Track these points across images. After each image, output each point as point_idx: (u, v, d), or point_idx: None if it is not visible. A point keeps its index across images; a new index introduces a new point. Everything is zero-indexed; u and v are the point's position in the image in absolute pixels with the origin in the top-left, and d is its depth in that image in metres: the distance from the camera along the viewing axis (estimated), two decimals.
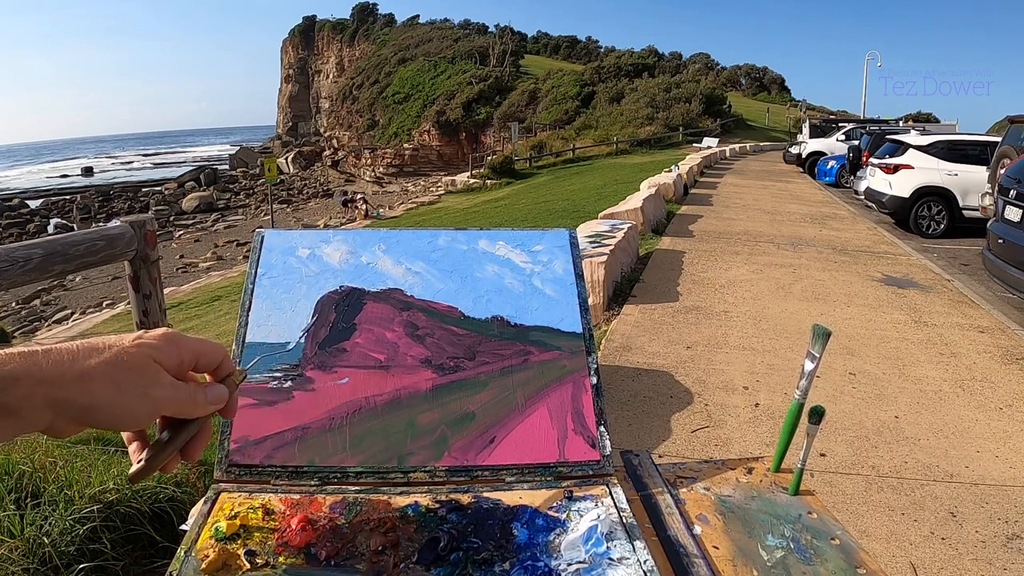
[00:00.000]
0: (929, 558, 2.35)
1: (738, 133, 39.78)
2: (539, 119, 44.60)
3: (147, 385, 0.51)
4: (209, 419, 0.58)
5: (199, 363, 0.56)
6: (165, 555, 1.93)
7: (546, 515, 0.72)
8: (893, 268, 7.17)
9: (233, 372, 0.59)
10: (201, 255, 21.59)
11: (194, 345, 0.56)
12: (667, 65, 56.96)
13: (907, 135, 11.65)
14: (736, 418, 3.42)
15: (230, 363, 0.59)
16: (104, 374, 0.49)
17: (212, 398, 0.56)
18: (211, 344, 0.57)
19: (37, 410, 0.46)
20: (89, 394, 0.48)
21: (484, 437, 0.81)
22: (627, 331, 4.75)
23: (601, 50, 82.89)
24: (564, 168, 26.02)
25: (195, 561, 0.63)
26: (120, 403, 0.49)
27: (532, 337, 0.89)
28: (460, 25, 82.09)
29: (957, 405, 3.64)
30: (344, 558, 0.65)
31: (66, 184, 56.82)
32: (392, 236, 0.99)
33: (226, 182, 48.95)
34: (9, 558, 1.70)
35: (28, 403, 0.45)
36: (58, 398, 0.47)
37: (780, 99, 65.62)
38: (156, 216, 19.59)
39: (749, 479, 0.89)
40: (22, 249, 1.99)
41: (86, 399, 0.48)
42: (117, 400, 0.49)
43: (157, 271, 2.52)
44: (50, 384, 0.46)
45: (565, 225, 1.11)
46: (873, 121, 26.26)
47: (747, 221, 10.04)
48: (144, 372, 0.51)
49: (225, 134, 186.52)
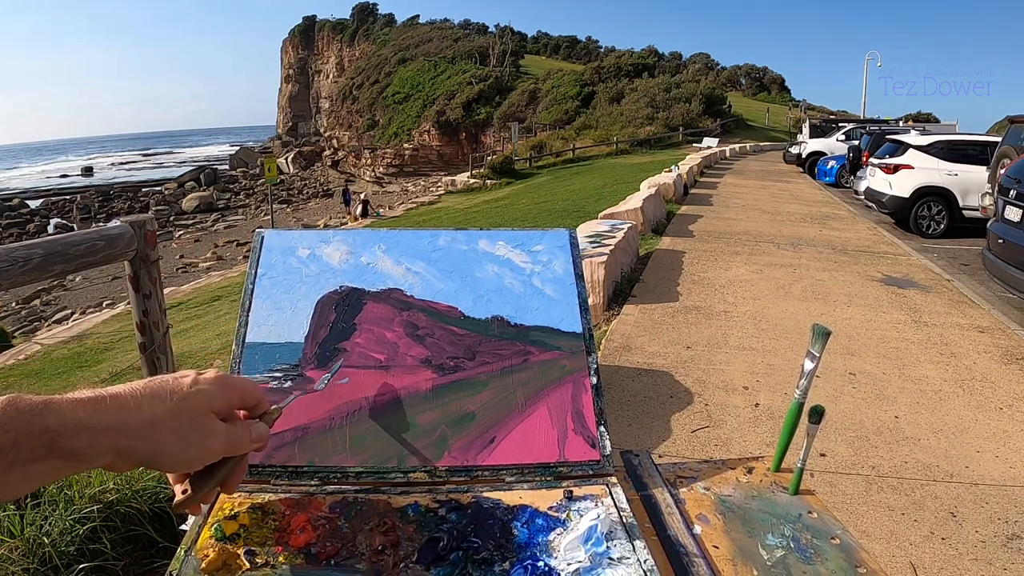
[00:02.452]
0: (929, 558, 2.35)
1: (738, 133, 39.78)
2: (539, 119, 44.61)
3: (205, 436, 0.55)
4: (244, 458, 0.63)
5: (244, 403, 0.61)
6: (165, 555, 1.93)
7: (546, 515, 0.72)
8: (893, 268, 7.17)
9: (269, 410, 0.64)
10: (201, 255, 21.59)
11: (241, 386, 0.60)
12: (667, 65, 56.99)
13: (907, 135, 11.65)
14: (736, 418, 3.42)
15: (267, 402, 0.64)
16: (167, 426, 0.52)
17: (255, 436, 0.61)
18: (254, 385, 0.62)
19: (101, 455, 0.49)
20: (153, 444, 0.51)
21: (484, 437, 0.81)
22: (627, 331, 4.75)
23: (601, 50, 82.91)
24: (564, 168, 26.01)
25: (195, 561, 0.63)
26: (180, 452, 0.53)
27: (532, 337, 0.89)
28: (460, 25, 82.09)
29: (957, 405, 3.64)
30: (344, 558, 0.65)
31: (66, 184, 56.83)
32: (392, 236, 0.99)
33: (226, 182, 48.97)
34: (9, 558, 1.70)
35: (94, 449, 0.48)
36: (123, 445, 0.50)
37: (780, 99, 65.63)
38: (156, 216, 19.59)
39: (749, 479, 0.89)
40: (22, 249, 1.99)
41: (149, 448, 0.51)
42: (178, 450, 0.53)
43: (157, 271, 2.52)
44: (117, 432, 0.49)
45: (565, 225, 1.11)
46: (873, 121, 26.26)
47: (747, 221, 10.04)
48: (203, 424, 0.55)
49: (225, 134, 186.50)
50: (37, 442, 0.46)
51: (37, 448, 0.46)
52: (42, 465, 0.46)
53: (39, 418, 0.46)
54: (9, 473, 0.45)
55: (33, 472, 0.46)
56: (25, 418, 0.45)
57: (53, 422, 0.46)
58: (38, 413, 0.46)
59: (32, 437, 0.45)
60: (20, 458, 0.45)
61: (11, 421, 0.45)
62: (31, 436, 0.45)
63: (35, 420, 0.46)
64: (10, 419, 0.45)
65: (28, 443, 0.45)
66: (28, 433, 0.45)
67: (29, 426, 0.45)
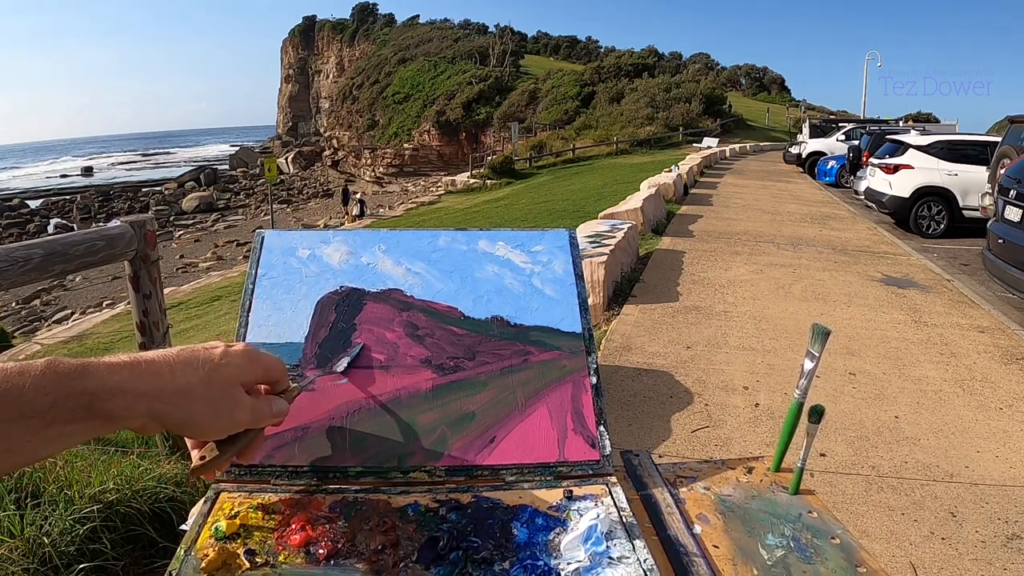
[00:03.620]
0: (929, 558, 2.35)
1: (738, 133, 39.78)
2: (539, 119, 44.61)
3: (233, 408, 0.57)
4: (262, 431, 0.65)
5: (268, 378, 0.63)
6: (165, 555, 1.93)
7: (546, 514, 0.72)
8: (893, 268, 7.17)
9: (289, 388, 0.67)
10: (201, 255, 21.59)
11: (266, 361, 0.62)
12: (667, 65, 56.99)
13: (907, 135, 11.64)
14: (736, 418, 3.42)
15: (288, 380, 0.67)
16: (199, 395, 0.54)
17: (276, 411, 0.63)
18: (278, 361, 0.65)
19: (135, 418, 0.51)
20: (185, 411, 0.54)
21: (484, 437, 0.81)
22: (627, 331, 4.75)
23: (601, 50, 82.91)
24: (564, 168, 26.01)
25: (195, 561, 0.63)
26: (210, 421, 0.56)
27: (532, 337, 0.89)
28: (460, 25, 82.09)
29: (957, 405, 3.64)
30: (344, 557, 0.65)
31: (66, 184, 56.83)
32: (392, 236, 0.99)
33: (226, 182, 48.97)
34: (9, 558, 1.70)
35: (130, 412, 0.50)
36: (157, 410, 0.52)
37: (780, 99, 65.62)
38: (156, 216, 19.60)
39: (749, 479, 0.90)
40: (22, 249, 1.99)
41: (182, 414, 0.53)
42: (208, 418, 0.55)
43: (157, 271, 2.52)
44: (152, 397, 0.51)
45: (565, 225, 1.11)
46: (873, 121, 26.26)
47: (747, 221, 10.04)
48: (231, 395, 0.57)
49: (225, 134, 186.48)
50: (75, 404, 0.47)
51: (75, 409, 0.47)
52: (79, 425, 0.48)
53: (78, 381, 0.47)
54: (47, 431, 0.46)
55: (70, 431, 0.47)
56: (64, 381, 0.47)
57: (91, 385, 0.48)
58: (77, 376, 0.47)
59: (71, 399, 0.47)
60: (59, 419, 0.46)
61: (50, 384, 0.46)
62: (70, 398, 0.47)
63: (74, 383, 0.47)
64: (49, 382, 0.46)
65: (66, 404, 0.46)
66: (67, 395, 0.47)
67: (68, 389, 0.47)
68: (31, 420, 0.45)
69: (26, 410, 0.45)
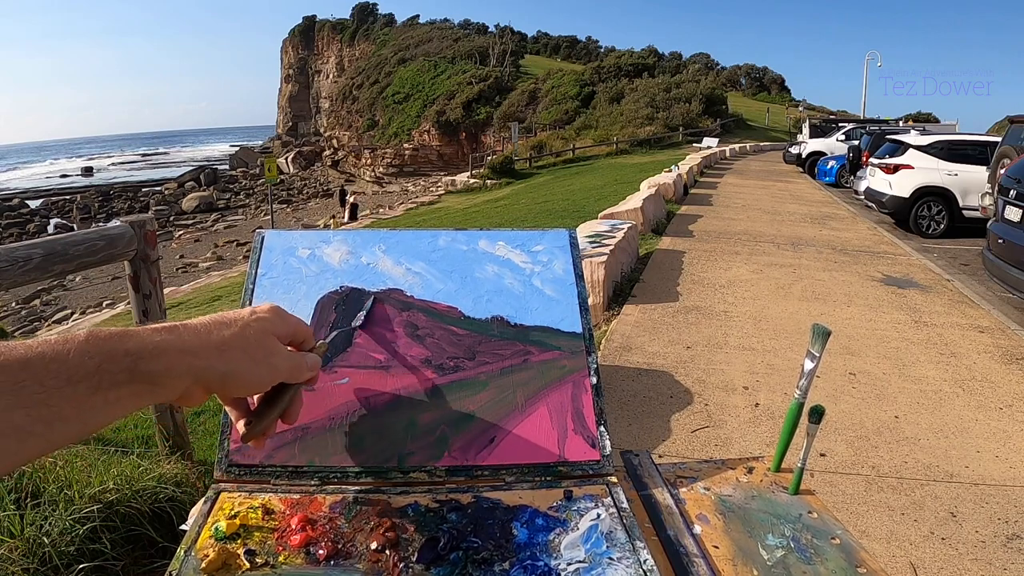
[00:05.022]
0: (929, 558, 2.35)
1: (738, 133, 39.78)
2: (539, 119, 44.61)
3: (269, 355, 0.59)
4: (301, 388, 0.66)
5: (295, 337, 0.65)
6: (165, 555, 1.94)
7: (546, 515, 0.72)
8: (893, 268, 7.17)
9: (316, 345, 0.68)
10: (201, 255, 21.59)
11: (293, 320, 0.64)
12: (667, 65, 56.96)
13: (907, 135, 11.64)
14: (736, 418, 3.42)
15: (314, 339, 0.68)
16: (237, 345, 0.56)
17: (311, 364, 0.64)
18: (303, 321, 0.66)
19: (179, 378, 0.51)
20: (226, 362, 0.55)
21: (484, 437, 0.81)
22: (627, 331, 4.75)
23: (601, 50, 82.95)
24: (564, 168, 26.01)
25: (195, 561, 0.63)
26: (251, 370, 0.57)
27: (532, 337, 0.89)
28: (460, 25, 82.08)
29: (957, 405, 3.64)
30: (344, 558, 0.65)
31: (66, 184, 56.82)
32: (392, 236, 0.99)
33: (226, 182, 48.96)
34: (9, 558, 1.70)
35: (172, 371, 0.51)
36: (199, 366, 0.53)
37: (780, 99, 65.65)
38: (156, 216, 19.60)
39: (749, 479, 0.89)
40: (22, 249, 1.99)
41: (223, 367, 0.54)
42: (248, 368, 0.56)
43: (157, 271, 2.52)
44: (193, 354, 0.52)
45: (565, 225, 1.11)
46: (873, 121, 26.27)
47: (747, 221, 10.04)
48: (266, 343, 0.59)
49: (225, 134, 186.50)
50: (119, 366, 0.48)
51: (119, 372, 0.48)
52: (124, 390, 0.48)
53: (120, 343, 0.49)
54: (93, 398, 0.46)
55: (114, 398, 0.48)
56: (106, 344, 0.48)
57: (133, 345, 0.49)
58: (118, 339, 0.49)
59: (114, 361, 0.48)
60: (104, 383, 0.47)
61: (93, 347, 0.47)
62: (113, 360, 0.48)
63: (116, 345, 0.48)
64: (92, 346, 0.47)
65: (110, 367, 0.47)
66: (111, 357, 0.47)
67: (111, 351, 0.48)
68: (78, 385, 0.45)
69: (73, 375, 0.45)
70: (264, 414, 0.63)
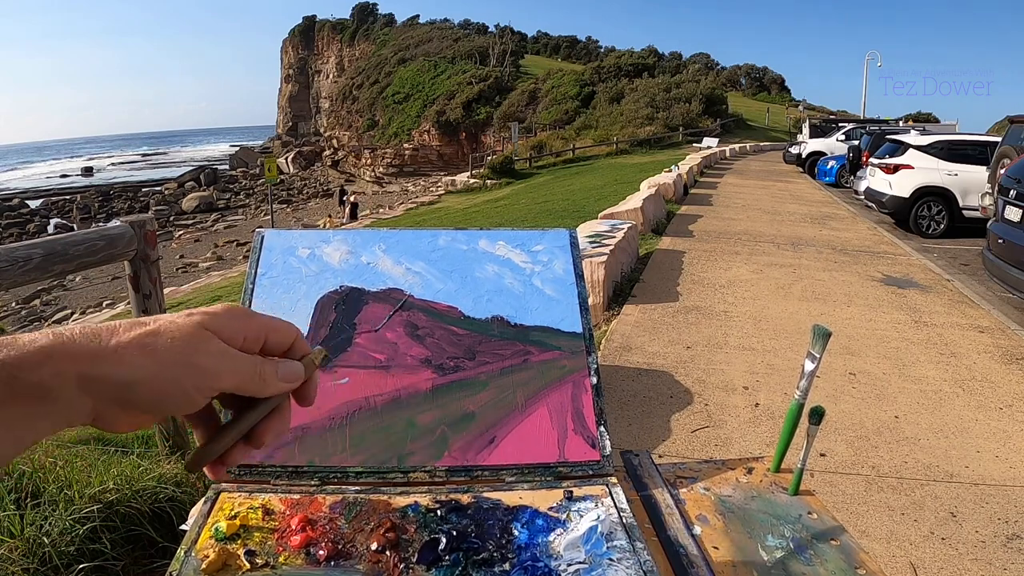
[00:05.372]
0: (929, 558, 2.35)
1: (738, 133, 39.78)
2: (539, 119, 44.61)
3: (190, 353, 0.42)
4: (286, 402, 0.49)
5: (268, 341, 0.48)
6: (165, 555, 1.93)
7: (546, 515, 0.72)
8: (893, 268, 7.17)
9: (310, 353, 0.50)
10: (201, 255, 21.58)
11: (262, 320, 0.48)
12: (667, 65, 56.95)
13: (907, 135, 11.64)
14: (736, 418, 3.42)
15: (304, 344, 0.50)
16: (140, 344, 0.41)
17: (284, 374, 0.47)
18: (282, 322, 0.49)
19: (72, 392, 0.39)
20: (124, 366, 0.40)
21: (484, 437, 0.81)
22: (627, 331, 4.75)
23: (601, 50, 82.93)
24: (564, 168, 26.01)
25: (195, 561, 0.63)
26: (161, 375, 0.41)
27: (532, 337, 0.89)
28: (460, 25, 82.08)
29: (957, 405, 3.63)
30: (344, 558, 0.65)
31: (66, 184, 56.83)
32: (392, 236, 0.99)
33: (226, 182, 48.97)
34: (9, 558, 1.70)
35: (61, 382, 0.39)
36: (92, 375, 0.39)
37: (780, 99, 65.63)
38: (156, 216, 19.58)
39: (749, 479, 0.89)
40: (22, 249, 1.99)
41: (122, 373, 0.40)
42: (157, 372, 0.41)
43: (157, 271, 2.52)
44: (84, 360, 0.39)
45: (565, 225, 1.11)
46: (873, 121, 26.27)
47: (747, 221, 10.04)
48: (189, 340, 0.43)
49: (225, 134, 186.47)
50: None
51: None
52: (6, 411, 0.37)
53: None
54: None
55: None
56: None
57: (9, 355, 0.38)
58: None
59: None
60: None
61: None
62: None
63: None
64: None
65: None
66: None
67: None
68: None
69: None
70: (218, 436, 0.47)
